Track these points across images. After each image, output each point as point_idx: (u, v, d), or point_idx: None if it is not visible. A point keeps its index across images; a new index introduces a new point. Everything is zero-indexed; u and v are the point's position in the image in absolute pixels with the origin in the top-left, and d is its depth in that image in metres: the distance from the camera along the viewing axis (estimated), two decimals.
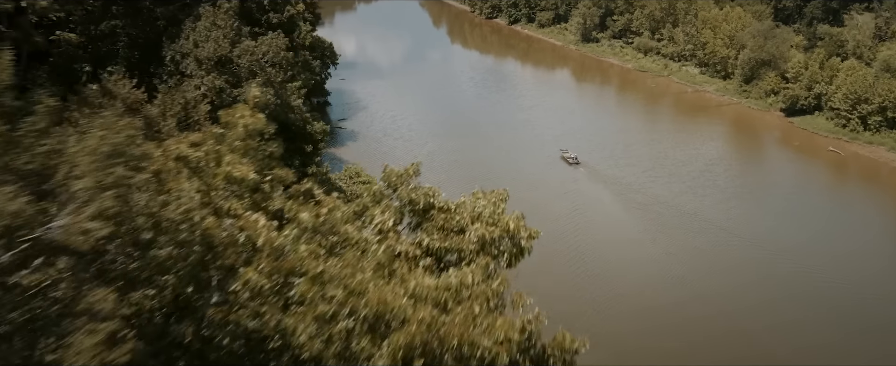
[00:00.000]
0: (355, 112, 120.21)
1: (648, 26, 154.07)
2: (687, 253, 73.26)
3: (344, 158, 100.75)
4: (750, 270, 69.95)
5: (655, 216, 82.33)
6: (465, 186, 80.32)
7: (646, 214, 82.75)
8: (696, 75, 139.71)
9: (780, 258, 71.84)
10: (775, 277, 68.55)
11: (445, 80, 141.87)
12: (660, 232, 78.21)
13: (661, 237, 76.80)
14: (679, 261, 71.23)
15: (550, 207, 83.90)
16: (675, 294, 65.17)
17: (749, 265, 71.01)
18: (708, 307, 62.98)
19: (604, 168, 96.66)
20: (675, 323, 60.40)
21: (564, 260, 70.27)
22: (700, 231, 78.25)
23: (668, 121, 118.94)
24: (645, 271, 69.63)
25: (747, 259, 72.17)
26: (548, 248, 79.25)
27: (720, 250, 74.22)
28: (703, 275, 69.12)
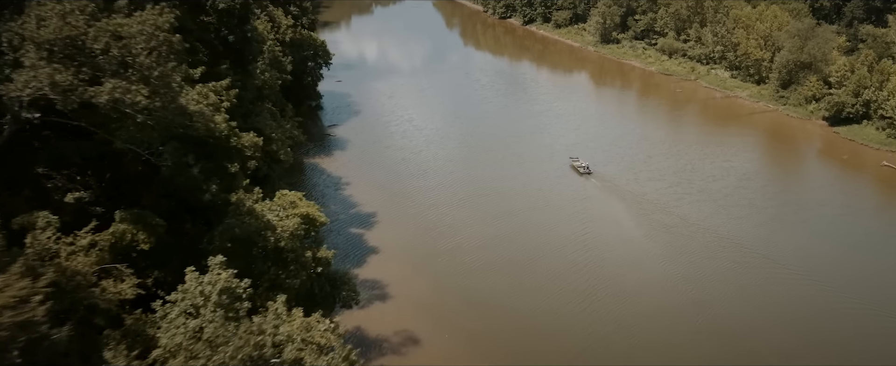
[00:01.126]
0: (350, 117, 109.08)
1: (673, 26, 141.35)
2: (733, 295, 60.66)
3: (327, 168, 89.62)
4: (816, 317, 57.65)
5: (685, 243, 69.89)
6: (454, 209, 66.82)
7: (673, 240, 70.31)
8: (727, 79, 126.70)
9: (847, 298, 59.41)
10: (852, 326, 56.00)
11: (452, 84, 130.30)
12: (693, 264, 65.73)
13: (695, 272, 64.28)
14: (726, 308, 58.74)
15: (556, 232, 72.24)
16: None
17: (813, 310, 58.65)
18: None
19: (622, 182, 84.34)
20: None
21: (571, 307, 58.57)
22: (743, 263, 65.68)
23: (696, 130, 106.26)
24: (680, 321, 57.07)
25: (808, 301, 59.75)
26: (551, 289, 62.98)
27: (772, 289, 61.64)
28: (760, 329, 55.75)
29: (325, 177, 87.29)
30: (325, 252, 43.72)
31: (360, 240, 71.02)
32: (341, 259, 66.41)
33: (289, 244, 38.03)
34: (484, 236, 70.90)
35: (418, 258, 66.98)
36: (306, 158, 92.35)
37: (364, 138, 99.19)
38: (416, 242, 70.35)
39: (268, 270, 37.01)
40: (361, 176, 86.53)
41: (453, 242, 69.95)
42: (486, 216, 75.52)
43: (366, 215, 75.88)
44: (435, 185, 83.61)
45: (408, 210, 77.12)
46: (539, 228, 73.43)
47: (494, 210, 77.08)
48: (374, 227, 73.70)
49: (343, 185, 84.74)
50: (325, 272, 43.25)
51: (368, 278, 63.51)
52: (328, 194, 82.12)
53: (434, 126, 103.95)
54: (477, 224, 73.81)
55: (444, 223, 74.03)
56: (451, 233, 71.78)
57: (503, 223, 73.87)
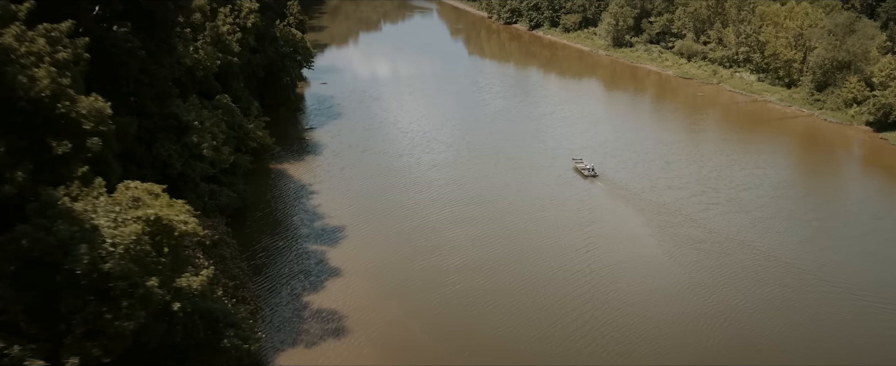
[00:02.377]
0: (331, 120, 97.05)
1: (692, 27, 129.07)
2: (788, 332, 47.43)
3: (295, 175, 77.47)
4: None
5: (718, 261, 56.82)
6: (435, 221, 51.61)
7: (704, 259, 57.24)
8: (753, 83, 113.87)
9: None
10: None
11: (448, 87, 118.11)
12: (732, 288, 52.64)
13: (735, 299, 51.17)
14: (783, 349, 45.69)
15: (556, 250, 59.33)
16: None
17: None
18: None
19: (637, 190, 71.66)
20: None
21: (574, 346, 45.74)
22: (795, 288, 52.64)
23: (720, 135, 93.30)
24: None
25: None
26: (549, 324, 47.06)
27: (842, 323, 48.47)
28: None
29: (291, 184, 75.19)
30: (191, 279, 30.48)
31: (322, 259, 58.61)
32: (294, 283, 54.43)
33: (118, 266, 25.14)
34: (468, 255, 58.24)
35: (388, 283, 54.43)
36: (274, 164, 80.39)
37: (341, 142, 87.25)
38: (388, 261, 57.82)
39: (83, 307, 24.44)
40: (333, 184, 74.46)
41: (431, 262, 57.31)
42: (473, 229, 62.96)
43: (332, 230, 63.56)
44: (415, 194, 71.19)
45: (381, 223, 64.77)
46: (535, 243, 60.63)
47: (482, 221, 64.54)
48: (340, 243, 61.32)
49: (311, 193, 72.53)
50: (198, 309, 30.07)
51: (325, 306, 51.11)
52: (292, 205, 70.00)
53: (421, 129, 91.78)
54: (461, 239, 61.23)
55: (422, 238, 61.56)
56: (429, 250, 59.22)
57: (492, 237, 61.30)
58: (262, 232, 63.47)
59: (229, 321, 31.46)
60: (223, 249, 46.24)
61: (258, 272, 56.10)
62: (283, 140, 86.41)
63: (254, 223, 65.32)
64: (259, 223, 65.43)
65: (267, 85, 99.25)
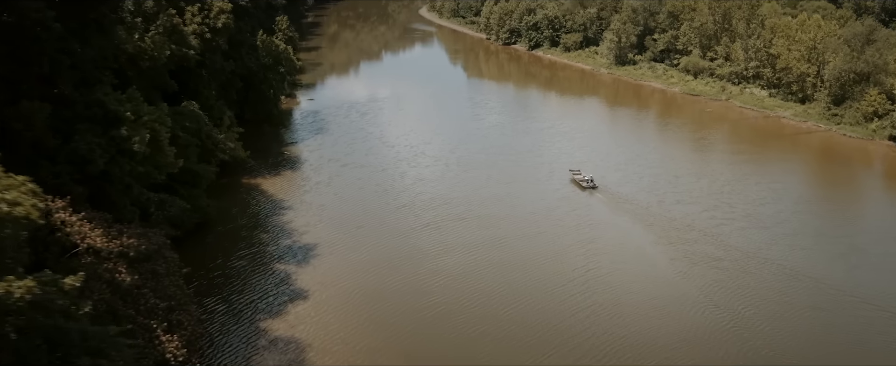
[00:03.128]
0: (314, 135, 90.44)
1: (698, 43, 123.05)
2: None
3: (269, 189, 70.75)
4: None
5: (741, 281, 49.84)
6: (416, 240, 43.73)
7: (725, 279, 50.31)
8: (765, 98, 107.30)
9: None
10: None
11: (443, 106, 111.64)
12: (759, 312, 45.43)
13: (763, 324, 43.98)
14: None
15: (553, 270, 52.81)
16: None
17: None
18: None
19: (642, 203, 64.76)
20: None
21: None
22: (832, 310, 45.42)
23: (731, 149, 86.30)
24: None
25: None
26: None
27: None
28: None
29: (264, 199, 68.44)
30: (12, 285, 20.85)
31: (287, 279, 51.62)
32: (251, 307, 47.31)
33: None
34: (452, 275, 51.28)
35: (360, 306, 47.43)
36: (248, 179, 73.71)
37: (321, 156, 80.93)
38: (361, 282, 50.86)
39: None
40: (309, 199, 67.78)
41: (409, 283, 50.33)
42: (459, 247, 56.03)
43: (303, 248, 56.72)
44: (397, 210, 64.34)
45: (357, 241, 58.01)
46: (528, 262, 53.56)
47: (469, 238, 57.59)
48: (310, 262, 54.45)
49: (284, 209, 65.77)
50: (39, 327, 21.56)
51: (284, 334, 44.30)
52: (262, 221, 63.18)
53: (409, 143, 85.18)
54: (445, 258, 54.25)
55: (400, 257, 54.63)
56: (407, 270, 52.34)
57: (480, 256, 54.38)
58: (223, 250, 56.56)
59: (91, 347, 23.66)
60: (157, 265, 39.25)
61: (210, 293, 49.08)
62: (262, 154, 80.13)
63: (215, 240, 58.45)
64: (221, 240, 58.54)
65: (249, 99, 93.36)
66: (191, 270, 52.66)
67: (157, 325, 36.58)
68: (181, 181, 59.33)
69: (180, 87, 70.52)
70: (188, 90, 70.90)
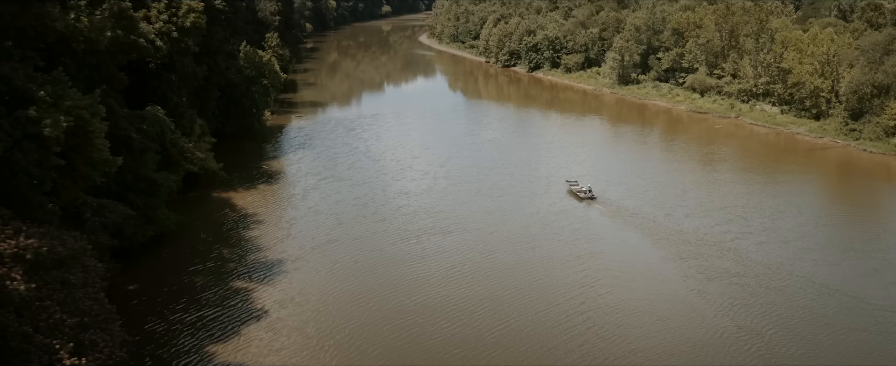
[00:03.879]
0: (297, 150, 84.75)
1: (704, 60, 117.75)
2: None
3: (240, 203, 64.82)
4: None
5: (769, 298, 43.41)
6: (390, 257, 37.09)
7: (748, 296, 43.87)
8: (776, 115, 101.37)
9: None
10: None
11: (433, 121, 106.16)
12: (805, 339, 39.10)
13: (821, 355, 37.49)
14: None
15: (550, 295, 46.59)
16: None
17: None
18: None
19: (648, 215, 58.54)
20: None
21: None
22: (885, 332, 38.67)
23: (743, 164, 79.99)
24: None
25: None
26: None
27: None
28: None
29: (232, 213, 62.52)
30: None
31: (246, 298, 45.39)
32: (198, 329, 40.97)
33: None
34: (430, 296, 45.01)
35: (322, 328, 41.18)
36: (219, 192, 67.79)
37: (300, 169, 75.58)
38: (327, 302, 44.65)
39: None
40: (282, 214, 61.95)
41: (380, 304, 44.07)
42: (440, 265, 49.84)
43: (269, 264, 50.72)
44: (374, 223, 58.31)
45: (328, 256, 52.01)
46: (518, 281, 47.24)
47: (453, 255, 51.38)
48: (275, 279, 48.38)
49: (253, 223, 59.79)
50: None
51: (233, 362, 37.58)
52: (227, 236, 57.17)
53: (396, 157, 79.57)
54: (422, 275, 48.03)
55: (371, 275, 48.40)
56: (378, 289, 46.09)
57: (463, 274, 48.09)
58: (179, 265, 50.50)
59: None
60: (71, 273, 33.03)
61: (152, 312, 42.83)
62: (238, 168, 74.59)
63: (172, 255, 52.39)
64: (179, 255, 52.47)
65: (229, 113, 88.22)
66: (138, 287, 46.94)
67: (62, 345, 30.22)
68: (137, 189, 53.46)
69: (147, 91, 65.45)
70: (156, 95, 65.63)
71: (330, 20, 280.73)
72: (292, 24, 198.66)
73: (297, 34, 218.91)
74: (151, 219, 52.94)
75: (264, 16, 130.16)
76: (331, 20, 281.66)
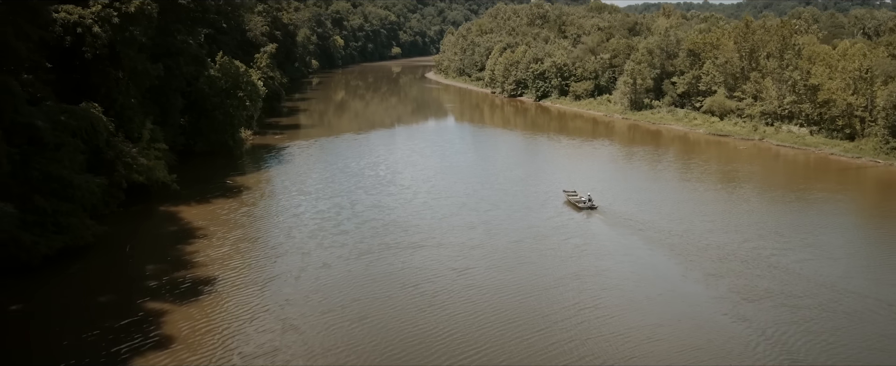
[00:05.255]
0: (276, 167, 76.06)
1: (723, 82, 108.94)
2: None
3: (185, 217, 55.81)
4: None
5: (834, 322, 34.16)
6: (354, 279, 28.68)
7: (801, 319, 34.30)
8: (805, 136, 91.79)
9: None
10: None
11: (428, 146, 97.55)
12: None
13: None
14: None
15: (536, 326, 37.23)
16: None
17: None
18: None
19: (666, 230, 49.05)
20: None
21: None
22: None
23: (772, 182, 70.02)
24: None
25: None
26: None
27: None
28: None
29: (175, 228, 53.38)
30: None
31: (154, 323, 36.07)
32: (92, 357, 31.72)
33: None
34: (384, 319, 35.54)
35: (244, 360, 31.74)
36: (168, 206, 58.81)
37: (272, 186, 66.99)
38: (255, 327, 35.29)
39: None
40: (230, 230, 52.68)
41: (320, 329, 34.72)
42: (404, 279, 40.39)
43: (195, 282, 41.41)
44: (337, 236, 49.20)
45: (269, 276, 42.66)
46: (504, 300, 37.71)
47: (424, 269, 41.92)
48: (195, 301, 38.98)
49: (194, 239, 50.56)
50: None
51: None
52: (158, 251, 47.87)
53: (375, 173, 70.77)
54: (379, 292, 38.66)
55: (316, 293, 39.09)
56: (321, 311, 36.77)
57: (430, 293, 38.63)
58: (86, 283, 41.37)
59: None
60: None
61: (37, 336, 33.69)
62: (199, 182, 66.26)
63: (82, 271, 43.23)
64: (91, 272, 43.33)
65: (199, 127, 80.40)
66: (21, 307, 37.85)
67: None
68: (46, 191, 44.79)
69: (89, 87, 57.64)
70: (99, 94, 57.65)
71: (337, 58, 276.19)
72: (293, 56, 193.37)
73: (300, 68, 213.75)
74: (63, 227, 44.19)
75: (255, 35, 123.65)
76: (338, 58, 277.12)
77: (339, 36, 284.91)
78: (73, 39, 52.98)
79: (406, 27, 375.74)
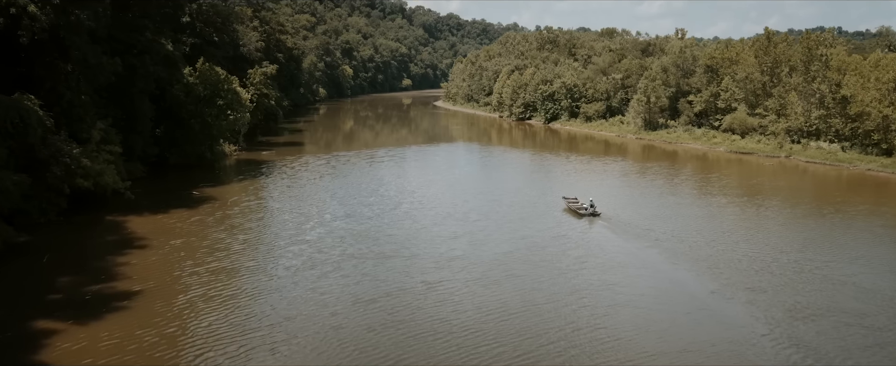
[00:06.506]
0: (254, 179, 69.21)
1: (744, 98, 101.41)
2: None
3: (130, 227, 48.82)
4: None
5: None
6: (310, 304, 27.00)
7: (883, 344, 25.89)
8: (837, 152, 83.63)
9: None
10: None
11: (422, 163, 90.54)
12: None
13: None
14: None
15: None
16: None
17: None
18: None
19: (682, 239, 41.44)
20: None
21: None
22: None
23: (801, 198, 61.73)
24: None
25: None
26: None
27: None
28: None
29: (114, 237, 46.15)
30: None
31: (50, 341, 28.80)
32: None
33: None
34: (339, 339, 28.22)
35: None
36: (116, 215, 51.92)
37: (242, 196, 59.76)
38: (171, 349, 27.97)
39: None
40: (177, 240, 45.52)
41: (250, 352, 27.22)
42: (365, 294, 32.98)
43: (114, 296, 34.15)
44: (288, 245, 41.86)
45: (207, 287, 35.36)
46: (484, 318, 30.18)
47: (391, 283, 34.45)
48: (113, 316, 31.69)
49: (132, 249, 43.38)
50: None
51: None
52: (83, 261, 40.66)
53: (355, 182, 63.65)
54: (336, 306, 31.23)
55: (255, 312, 31.74)
56: (256, 333, 29.37)
57: (396, 308, 31.36)
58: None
59: None
60: None
61: None
62: (161, 193, 59.82)
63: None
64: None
65: (175, 138, 74.32)
66: None
67: None
68: None
69: (32, 79, 51.49)
70: (43, 87, 51.42)
71: (346, 88, 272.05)
72: (298, 82, 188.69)
73: (306, 95, 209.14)
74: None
75: (249, 51, 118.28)
76: (347, 88, 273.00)
77: (349, 66, 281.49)
78: (7, 22, 46.92)
79: (417, 59, 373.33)
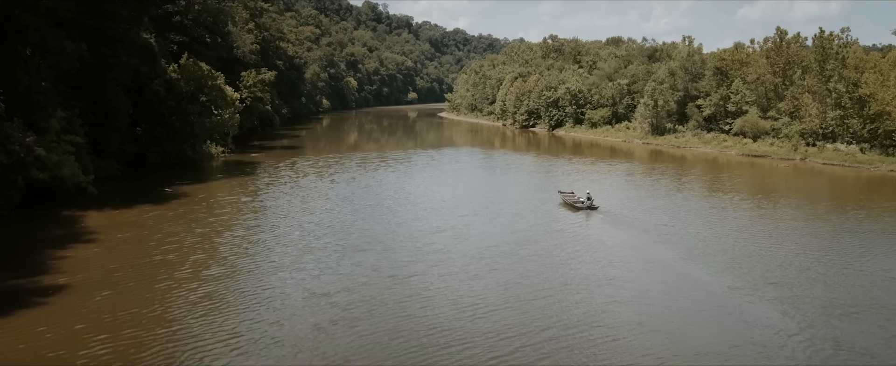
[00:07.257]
0: (233, 177, 65.23)
1: (755, 101, 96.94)
2: None
3: (85, 222, 44.77)
4: None
5: None
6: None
7: None
8: (856, 154, 78.90)
9: None
10: None
11: (417, 170, 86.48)
12: None
13: None
14: None
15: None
16: None
17: None
18: None
19: (690, 234, 37.11)
20: None
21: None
22: None
23: (820, 196, 57.01)
24: None
25: None
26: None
27: None
28: None
29: (63, 232, 41.96)
30: None
31: None
32: None
33: None
34: (293, 339, 23.94)
35: None
36: (72, 210, 47.89)
37: (218, 195, 55.70)
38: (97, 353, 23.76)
39: None
40: (132, 234, 41.45)
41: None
42: (326, 286, 28.90)
43: (35, 291, 29.99)
44: (245, 245, 37.67)
45: (146, 284, 31.31)
46: (459, 315, 25.93)
47: (356, 277, 30.29)
48: (53, 305, 27.66)
49: (78, 244, 39.21)
50: None
51: None
52: (19, 258, 36.58)
53: (339, 178, 59.60)
54: (287, 301, 27.12)
55: (194, 310, 27.58)
56: (194, 340, 25.23)
57: (364, 302, 27.44)
58: None
59: None
60: None
61: None
62: (132, 190, 55.78)
63: None
64: None
65: (155, 136, 70.72)
66: None
67: None
68: None
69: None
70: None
71: (351, 100, 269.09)
72: (299, 91, 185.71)
73: (308, 105, 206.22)
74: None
75: (242, 53, 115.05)
76: (351, 100, 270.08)
77: (354, 78, 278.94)
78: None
79: (423, 73, 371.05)
